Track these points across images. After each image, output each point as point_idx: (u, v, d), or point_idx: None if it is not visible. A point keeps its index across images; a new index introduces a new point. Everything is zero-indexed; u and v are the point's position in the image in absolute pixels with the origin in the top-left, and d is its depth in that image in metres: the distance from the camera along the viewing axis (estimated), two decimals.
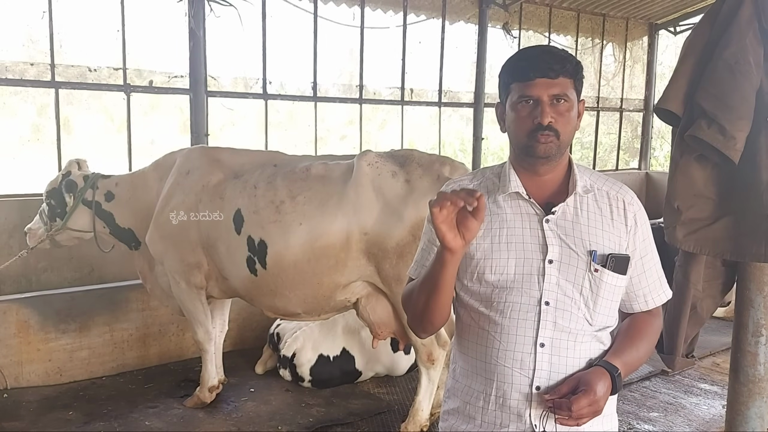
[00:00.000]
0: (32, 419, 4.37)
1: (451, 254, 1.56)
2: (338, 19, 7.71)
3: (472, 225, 1.54)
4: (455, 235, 1.54)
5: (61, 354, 4.96)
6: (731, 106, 2.18)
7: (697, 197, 2.33)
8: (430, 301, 1.67)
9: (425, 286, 1.68)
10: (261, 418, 4.45)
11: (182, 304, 4.47)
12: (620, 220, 1.73)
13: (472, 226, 1.54)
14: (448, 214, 1.52)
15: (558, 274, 1.67)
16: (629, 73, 11.25)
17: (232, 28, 6.79)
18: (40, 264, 5.85)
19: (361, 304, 4.07)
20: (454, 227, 1.54)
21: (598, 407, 1.59)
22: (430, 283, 1.65)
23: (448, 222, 1.53)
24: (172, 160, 4.54)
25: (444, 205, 1.51)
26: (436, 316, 1.70)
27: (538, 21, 9.79)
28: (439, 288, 1.63)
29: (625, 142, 11.78)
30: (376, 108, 8.54)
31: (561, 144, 1.68)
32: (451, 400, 1.84)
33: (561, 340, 1.67)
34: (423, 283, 1.69)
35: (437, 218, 1.52)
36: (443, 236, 1.53)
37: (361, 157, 3.95)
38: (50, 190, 4.71)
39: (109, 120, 8.03)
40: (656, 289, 1.81)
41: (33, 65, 5.98)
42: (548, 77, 1.64)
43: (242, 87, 7.31)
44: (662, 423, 4.52)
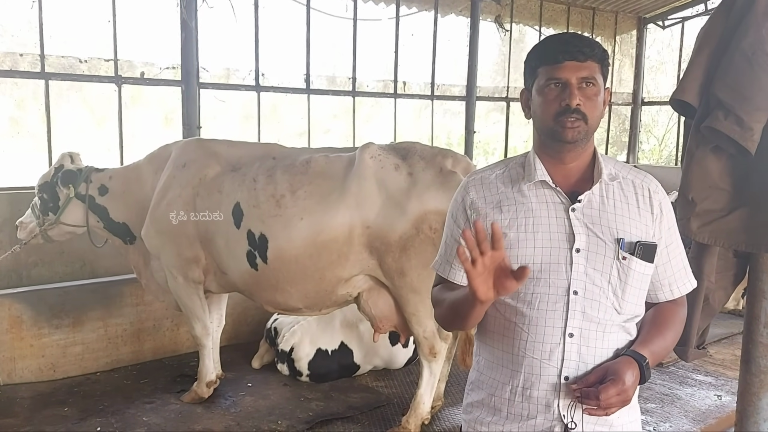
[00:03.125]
0: (27, 416, 4.31)
1: (481, 304, 1.54)
2: (331, 11, 7.64)
3: (510, 286, 1.50)
4: (489, 288, 1.51)
5: (54, 349, 4.89)
6: (748, 97, 2.18)
7: (712, 189, 2.33)
8: (458, 321, 1.71)
9: (452, 311, 1.70)
10: (260, 413, 4.42)
11: (179, 299, 4.41)
12: (646, 208, 1.72)
13: (509, 287, 1.50)
14: (483, 269, 1.48)
15: (586, 263, 1.65)
16: (618, 67, 11.31)
17: (225, 20, 6.70)
18: (30, 258, 5.75)
19: (363, 298, 4.04)
20: (489, 282, 1.50)
21: (626, 396, 1.58)
22: (458, 312, 1.67)
23: (483, 278, 1.49)
24: (167, 153, 4.46)
25: (476, 260, 1.47)
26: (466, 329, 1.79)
27: (529, 14, 9.81)
28: (467, 319, 1.65)
29: (613, 136, 11.85)
30: (362, 101, 8.50)
31: (589, 129, 1.66)
32: (474, 393, 1.82)
33: (590, 330, 1.65)
34: (450, 308, 1.71)
35: (471, 275, 1.48)
36: (476, 290, 1.49)
37: (363, 149, 3.92)
38: (42, 184, 4.62)
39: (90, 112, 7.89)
40: (681, 278, 1.80)
41: (22, 56, 5.86)
42: (577, 60, 1.63)
43: (234, 79, 7.22)
44: (659, 414, 4.56)
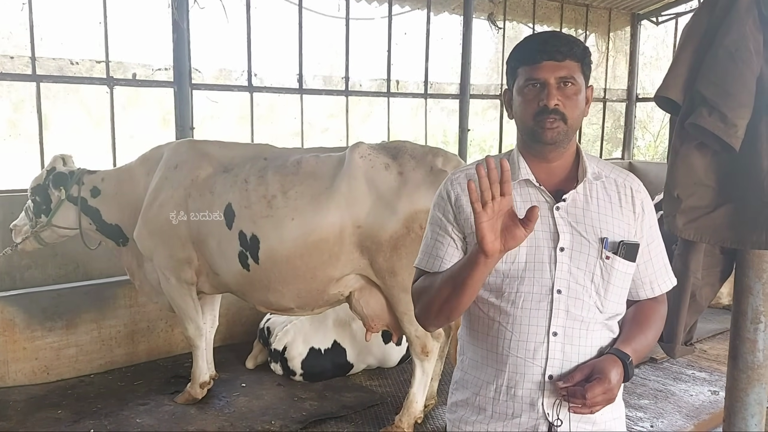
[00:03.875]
0: (20, 419, 4.30)
1: (485, 258, 1.49)
2: (323, 11, 7.64)
3: (519, 234, 1.47)
4: (496, 238, 1.47)
5: (47, 352, 4.89)
6: (732, 94, 2.19)
7: (697, 185, 2.33)
8: (452, 298, 1.61)
9: (450, 283, 1.61)
10: (253, 413, 4.42)
11: (172, 300, 4.41)
12: (629, 207, 1.73)
13: (518, 236, 1.48)
14: (492, 213, 1.45)
15: (569, 262, 1.66)
16: (612, 64, 11.31)
17: (216, 20, 6.69)
18: (23, 261, 5.74)
19: (355, 297, 4.04)
20: (496, 230, 1.47)
21: (612, 395, 1.59)
22: (457, 281, 1.58)
23: (491, 223, 1.46)
24: (159, 154, 4.46)
25: (487, 203, 1.44)
26: (455, 313, 1.65)
27: (522, 12, 9.80)
28: (465, 288, 1.57)
29: (608, 132, 11.86)
30: (359, 101, 8.50)
31: (569, 129, 1.66)
32: (459, 392, 1.82)
33: (573, 329, 1.66)
34: (448, 280, 1.62)
35: (481, 218, 1.44)
36: (483, 237, 1.45)
37: (353, 149, 3.92)
38: (35, 187, 4.61)
39: (87, 114, 7.88)
40: (662, 275, 1.81)
41: (12, 58, 5.85)
42: (555, 60, 1.62)
43: (226, 79, 7.21)
44: (653, 410, 4.57)
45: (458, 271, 1.59)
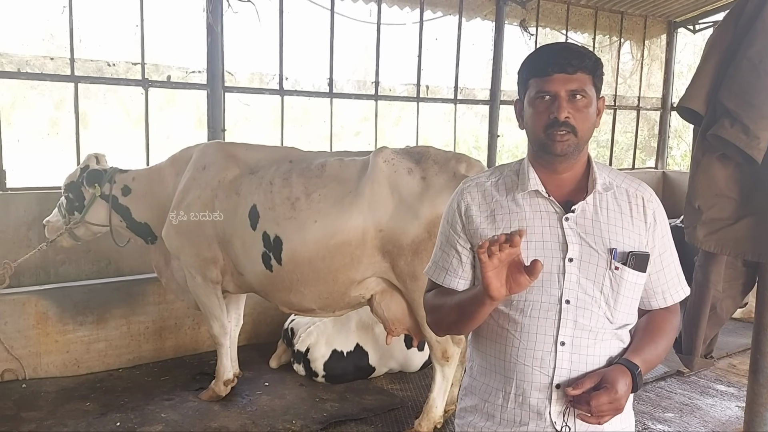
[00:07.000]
0: (50, 409, 4.43)
1: (491, 301, 1.55)
2: (355, 16, 7.70)
3: (522, 282, 1.52)
4: (501, 285, 1.52)
5: (78, 346, 5.02)
6: (755, 105, 2.16)
7: (718, 197, 2.30)
8: (459, 323, 1.71)
9: (457, 311, 1.69)
10: (275, 412, 4.47)
11: (198, 298, 4.50)
12: (640, 217, 1.73)
13: (523, 283, 1.52)
14: (498, 263, 1.50)
15: (578, 273, 1.66)
16: (647, 72, 11.14)
17: (250, 24, 6.80)
18: (58, 256, 5.91)
19: (376, 300, 4.07)
20: (502, 278, 1.52)
21: (619, 405, 1.59)
22: (463, 312, 1.67)
23: (497, 272, 1.51)
24: (188, 155, 4.57)
25: (494, 254, 1.47)
26: (463, 332, 1.76)
27: (555, 18, 9.72)
28: (471, 319, 1.66)
29: (641, 141, 11.68)
30: (390, 105, 8.52)
31: (579, 141, 1.67)
32: (468, 398, 1.84)
33: (581, 338, 1.66)
34: (455, 307, 1.70)
35: (487, 267, 1.49)
36: (488, 284, 1.51)
37: (377, 153, 3.95)
38: (68, 184, 4.76)
39: (125, 114, 8.08)
40: (675, 285, 1.80)
41: (53, 60, 6.03)
42: (566, 72, 1.63)
43: (258, 83, 7.32)
44: (677, 424, 4.49)
45: (466, 303, 1.66)
